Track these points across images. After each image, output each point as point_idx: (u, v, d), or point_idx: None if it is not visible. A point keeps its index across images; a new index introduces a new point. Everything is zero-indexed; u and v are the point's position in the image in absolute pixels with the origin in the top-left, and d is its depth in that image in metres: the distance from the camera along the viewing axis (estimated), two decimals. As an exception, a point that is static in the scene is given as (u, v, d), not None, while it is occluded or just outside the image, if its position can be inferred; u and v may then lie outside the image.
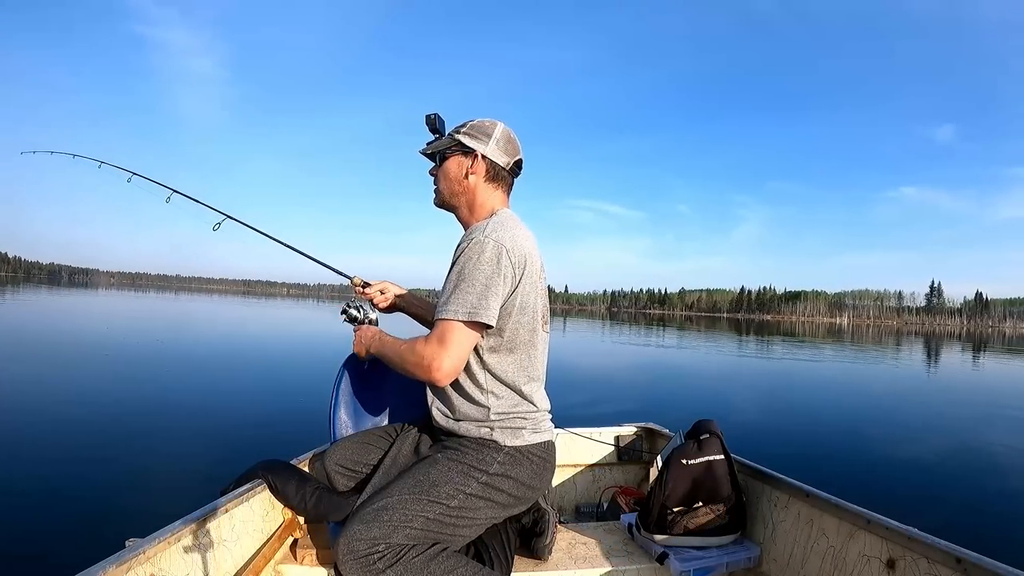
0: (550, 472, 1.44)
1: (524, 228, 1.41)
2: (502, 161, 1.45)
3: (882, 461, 5.02)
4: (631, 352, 16.59)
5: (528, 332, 1.35)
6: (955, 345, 31.87)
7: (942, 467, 4.97)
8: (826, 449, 5.33)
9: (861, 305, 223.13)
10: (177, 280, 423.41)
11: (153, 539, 1.10)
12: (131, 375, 7.31)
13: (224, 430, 4.77)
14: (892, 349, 25.16)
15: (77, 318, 17.47)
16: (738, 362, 14.92)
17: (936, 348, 27.75)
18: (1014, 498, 4.07)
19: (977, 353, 24.82)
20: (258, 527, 1.49)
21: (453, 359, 1.25)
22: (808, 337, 35.48)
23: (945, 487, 4.32)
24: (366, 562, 1.15)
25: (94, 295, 42.02)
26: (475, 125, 1.45)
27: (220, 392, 6.55)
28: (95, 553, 1.01)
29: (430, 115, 1.47)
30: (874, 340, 35.84)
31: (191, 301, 40.46)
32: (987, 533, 3.36)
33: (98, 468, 3.65)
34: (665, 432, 2.30)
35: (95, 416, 4.95)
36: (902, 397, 9.70)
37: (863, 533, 1.35)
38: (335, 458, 1.52)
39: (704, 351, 18.13)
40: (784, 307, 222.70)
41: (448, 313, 1.25)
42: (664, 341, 22.80)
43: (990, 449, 5.66)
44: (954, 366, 17.28)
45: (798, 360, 16.36)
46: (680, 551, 1.58)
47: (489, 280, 1.25)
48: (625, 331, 30.09)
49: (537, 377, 1.41)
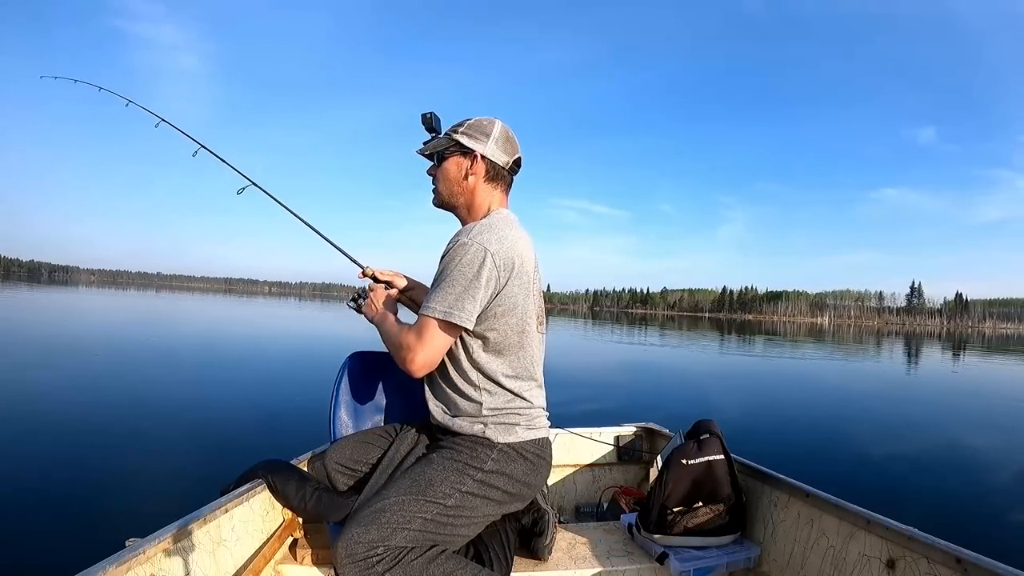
0: (546, 469, 1.44)
1: (518, 229, 1.40)
2: (501, 160, 1.44)
3: (882, 461, 5.02)
4: (612, 350, 16.60)
5: (517, 333, 1.36)
6: (938, 345, 32.05)
7: (942, 467, 4.97)
8: (826, 449, 5.33)
9: (842, 305, 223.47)
10: (158, 278, 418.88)
11: (153, 539, 1.10)
12: (131, 375, 7.30)
13: (224, 430, 4.78)
14: (878, 349, 25.30)
15: (73, 317, 17.47)
16: (731, 361, 14.96)
17: (918, 348, 27.92)
18: (1014, 498, 4.08)
19: (959, 353, 24.99)
20: (258, 527, 1.49)
21: (427, 354, 1.29)
22: (790, 337, 35.63)
23: (945, 487, 4.33)
24: (365, 565, 1.15)
25: (81, 293, 42.08)
26: (473, 124, 1.44)
27: (220, 392, 6.55)
28: (95, 553, 1.01)
29: (426, 114, 1.46)
30: (855, 340, 36.06)
31: (180, 300, 40.49)
32: (987, 533, 3.36)
33: (98, 468, 3.65)
34: (665, 432, 2.30)
35: (95, 416, 4.95)
36: (899, 396, 9.71)
37: (863, 533, 1.35)
38: (335, 457, 1.52)
39: (691, 351, 18.17)
40: (766, 307, 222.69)
41: (427, 310, 1.28)
42: (646, 340, 22.91)
43: (990, 449, 5.67)
44: (945, 366, 17.35)
45: (791, 360, 16.37)
46: (680, 551, 1.59)
47: (468, 283, 1.26)
48: (607, 330, 30.27)
49: (530, 376, 1.41)
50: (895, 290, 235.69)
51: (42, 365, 7.61)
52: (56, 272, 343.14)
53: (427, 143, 1.49)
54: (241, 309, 31.78)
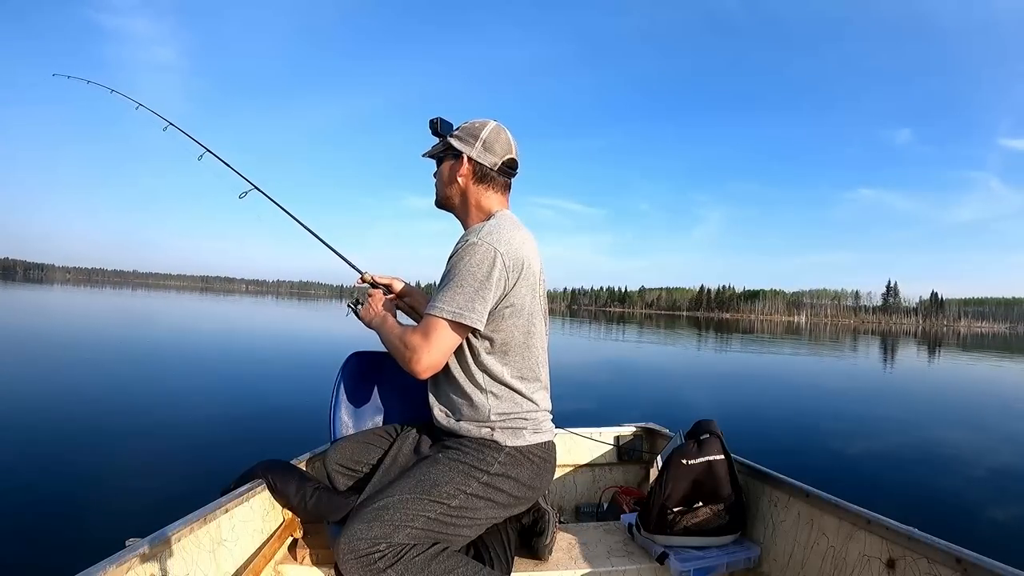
0: (550, 472, 1.45)
1: (523, 231, 1.41)
2: (488, 162, 1.44)
3: (882, 461, 5.02)
4: (595, 348, 16.58)
5: (523, 334, 1.36)
6: (918, 345, 32.15)
7: (942, 467, 4.96)
8: (826, 449, 5.33)
9: (819, 304, 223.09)
10: (134, 276, 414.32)
11: (153, 539, 1.10)
12: (131, 375, 7.30)
13: (224, 430, 4.78)
14: (860, 348, 25.36)
15: (67, 316, 17.47)
16: (716, 360, 15.00)
17: (895, 347, 28.03)
18: (1014, 498, 4.07)
19: (935, 351, 25.22)
20: (258, 527, 1.49)
21: (434, 355, 1.28)
22: (768, 335, 35.70)
23: (945, 486, 4.33)
24: (367, 561, 1.15)
25: (62, 292, 42.11)
26: (466, 127, 1.47)
27: (220, 392, 6.55)
28: (95, 553, 1.01)
29: (433, 120, 1.49)
30: (832, 338, 36.23)
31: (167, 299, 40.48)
32: (987, 533, 3.36)
33: (98, 468, 3.65)
34: (665, 432, 2.31)
35: (95, 416, 4.95)
36: (899, 396, 9.71)
37: (863, 533, 1.35)
38: (335, 458, 1.52)
39: (675, 349, 18.16)
40: (743, 306, 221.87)
41: (435, 310, 1.27)
42: (625, 338, 22.97)
43: (990, 449, 5.67)
44: (934, 365, 17.38)
45: (780, 358, 16.37)
46: (680, 551, 1.59)
47: (479, 284, 1.26)
48: (586, 329, 30.33)
49: (536, 378, 1.41)
50: (871, 289, 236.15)
51: (41, 365, 7.61)
52: (31, 270, 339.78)
53: (433, 148, 1.53)
54: (232, 308, 31.80)
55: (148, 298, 39.26)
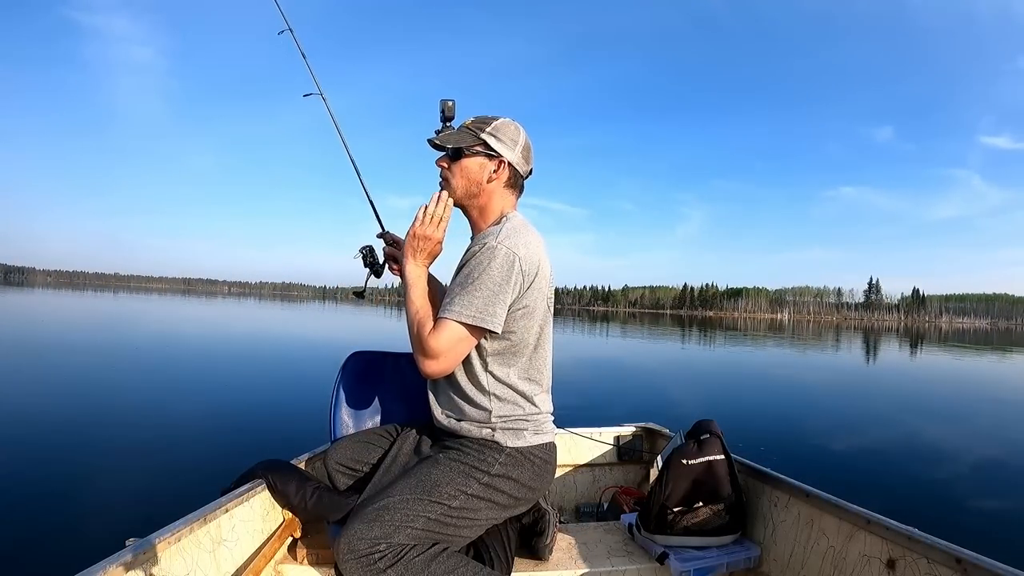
0: (551, 473, 1.44)
1: (535, 233, 1.39)
2: (523, 170, 1.42)
3: (882, 461, 5.02)
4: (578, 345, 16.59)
5: (534, 337, 1.36)
6: (904, 341, 32.28)
7: (941, 467, 4.96)
8: (826, 449, 5.33)
9: (801, 301, 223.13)
10: (116, 279, 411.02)
11: (153, 539, 1.10)
12: (131, 375, 7.31)
13: (224, 430, 4.78)
14: (846, 345, 25.42)
15: (64, 319, 17.46)
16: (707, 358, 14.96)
17: (877, 343, 28.15)
18: (1014, 497, 4.07)
19: (916, 347, 25.33)
20: (258, 527, 1.49)
21: (449, 359, 1.26)
22: (752, 333, 35.76)
23: (945, 486, 4.33)
24: (367, 561, 1.15)
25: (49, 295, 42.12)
26: (500, 127, 1.38)
27: (220, 392, 6.55)
28: (95, 553, 1.01)
29: (448, 100, 1.41)
30: (815, 335, 36.35)
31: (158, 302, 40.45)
32: (987, 533, 3.36)
33: (98, 468, 3.65)
34: (665, 432, 2.31)
35: (94, 416, 4.95)
36: (897, 396, 9.71)
37: (863, 533, 1.35)
38: (335, 457, 1.52)
39: (663, 347, 18.15)
40: (726, 303, 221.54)
41: (452, 313, 1.24)
42: (608, 336, 23.03)
43: (990, 449, 5.66)
44: (922, 361, 17.40)
45: (769, 356, 16.37)
46: (680, 551, 1.58)
47: (498, 287, 1.25)
48: (570, 327, 30.32)
49: (540, 380, 1.40)
50: (853, 286, 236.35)
51: (41, 367, 7.61)
52: (12, 273, 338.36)
53: (442, 132, 1.42)
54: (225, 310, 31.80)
55: (135, 300, 39.32)
